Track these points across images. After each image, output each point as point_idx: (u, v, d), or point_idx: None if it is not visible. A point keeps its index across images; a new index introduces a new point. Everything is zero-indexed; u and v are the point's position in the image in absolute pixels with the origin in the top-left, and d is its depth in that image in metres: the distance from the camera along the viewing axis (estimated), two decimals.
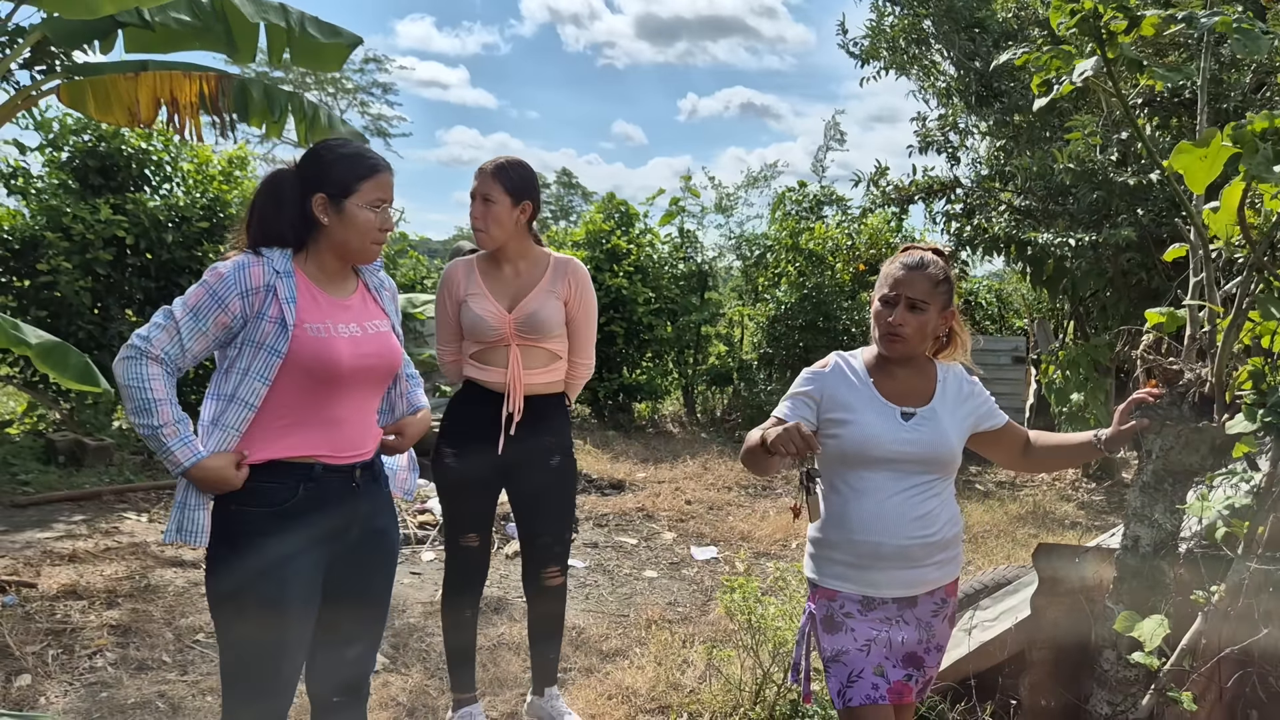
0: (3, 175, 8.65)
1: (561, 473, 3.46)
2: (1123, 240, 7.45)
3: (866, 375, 2.49)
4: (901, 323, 2.41)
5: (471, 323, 3.29)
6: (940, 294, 2.45)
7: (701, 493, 7.79)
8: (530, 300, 3.30)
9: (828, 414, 2.45)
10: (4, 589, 4.73)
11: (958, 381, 2.54)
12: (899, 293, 2.42)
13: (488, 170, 3.25)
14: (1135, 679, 2.61)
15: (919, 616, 2.47)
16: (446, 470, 3.39)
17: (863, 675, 2.42)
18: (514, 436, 3.31)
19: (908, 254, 2.49)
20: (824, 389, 2.47)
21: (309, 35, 4.78)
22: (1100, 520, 7.28)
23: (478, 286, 3.32)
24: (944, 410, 2.47)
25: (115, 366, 2.23)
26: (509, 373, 3.30)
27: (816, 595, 2.50)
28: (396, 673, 4.08)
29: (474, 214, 3.25)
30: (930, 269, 2.44)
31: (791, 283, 10.96)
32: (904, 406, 2.44)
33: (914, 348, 2.46)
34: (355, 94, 34.14)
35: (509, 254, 3.33)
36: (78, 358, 4.64)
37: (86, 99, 4.53)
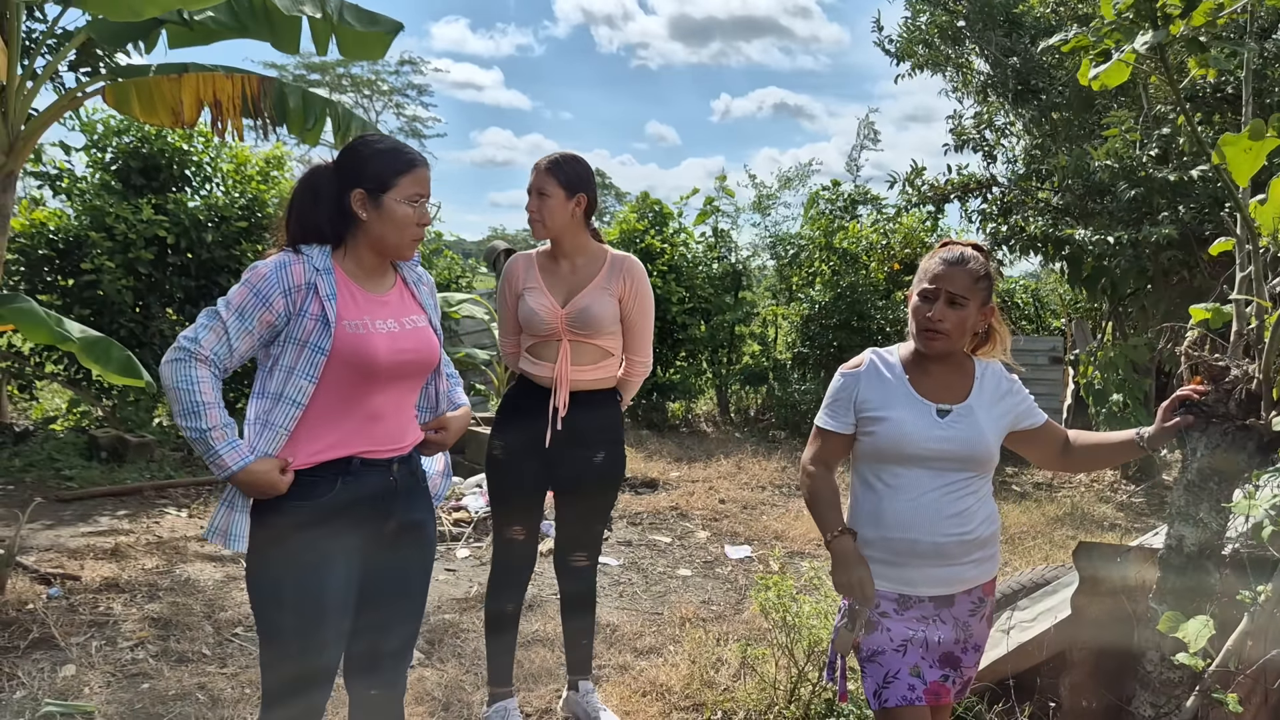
0: (49, 177, 8.81)
1: (603, 469, 3.47)
2: (1163, 238, 7.34)
3: (902, 371, 2.47)
4: (940, 318, 2.38)
5: (526, 316, 3.33)
6: (980, 290, 2.42)
7: (735, 492, 7.77)
8: (584, 296, 3.32)
9: (863, 412, 2.44)
10: (49, 581, 4.81)
11: (996, 379, 2.51)
12: (938, 287, 2.39)
13: (542, 165, 3.28)
14: (1179, 681, 2.57)
15: (956, 616, 2.44)
16: (496, 463, 3.44)
17: (899, 676, 2.40)
18: (561, 431, 3.33)
19: (947, 249, 2.46)
20: (858, 389, 2.46)
21: (348, 24, 4.81)
22: (1140, 522, 7.18)
23: (535, 281, 3.36)
24: (981, 408, 2.44)
25: (162, 369, 2.24)
26: (556, 368, 3.32)
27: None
28: (432, 667, 4.10)
29: (530, 208, 3.29)
30: (971, 264, 2.41)
31: (826, 282, 10.91)
32: (940, 403, 2.42)
33: (952, 344, 2.43)
34: (391, 95, 34.48)
35: (566, 249, 3.36)
36: (120, 352, 4.71)
37: (131, 100, 4.60)
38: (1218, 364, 2.55)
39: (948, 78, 10.59)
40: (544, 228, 3.29)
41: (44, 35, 5.71)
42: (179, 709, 3.62)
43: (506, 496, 3.47)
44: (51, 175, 8.80)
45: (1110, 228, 7.79)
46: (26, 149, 4.64)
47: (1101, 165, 7.91)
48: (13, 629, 4.21)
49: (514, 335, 3.48)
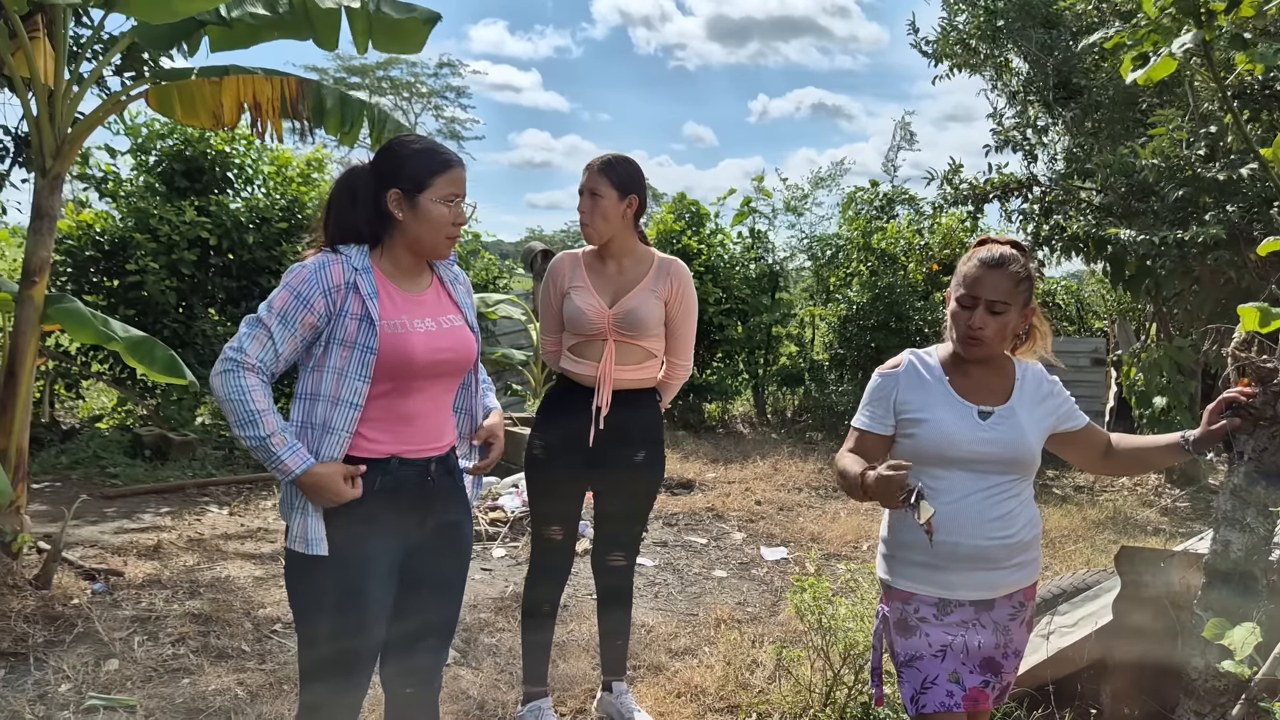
0: (96, 180, 8.97)
1: (643, 469, 3.47)
2: (1210, 237, 7.20)
3: (941, 373, 2.43)
4: (981, 325, 2.33)
5: (572, 315, 3.33)
6: (1021, 293, 2.36)
7: (771, 493, 7.73)
8: (631, 297, 3.33)
9: (903, 414, 2.39)
10: (94, 577, 4.89)
11: (1037, 380, 2.47)
12: (977, 294, 2.34)
13: (595, 166, 3.28)
14: (1225, 689, 2.52)
15: (996, 620, 2.40)
16: (536, 462, 3.44)
17: (937, 682, 2.36)
18: (603, 430, 3.33)
19: (985, 250, 2.39)
20: (897, 390, 2.41)
21: (384, 14, 4.82)
22: (1184, 527, 7.05)
23: (582, 280, 3.36)
24: (1022, 409, 2.40)
25: (213, 381, 2.27)
26: (600, 367, 3.32)
27: (890, 597, 2.45)
28: (467, 667, 4.12)
29: (582, 209, 3.30)
30: (1011, 266, 2.35)
31: (863, 282, 10.83)
32: (981, 405, 2.38)
33: (994, 350, 2.38)
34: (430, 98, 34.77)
35: (614, 250, 3.36)
36: (164, 352, 4.78)
37: (173, 103, 4.67)
38: (1265, 365, 2.49)
39: (986, 78, 10.47)
40: (595, 229, 3.30)
41: (90, 40, 5.82)
42: (218, 704, 3.66)
43: (546, 496, 3.47)
44: (98, 178, 8.96)
45: (1155, 227, 7.65)
46: (73, 152, 4.72)
47: (1147, 164, 7.78)
48: (58, 623, 4.29)
49: (556, 334, 3.48)
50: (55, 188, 4.67)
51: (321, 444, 2.29)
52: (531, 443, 3.46)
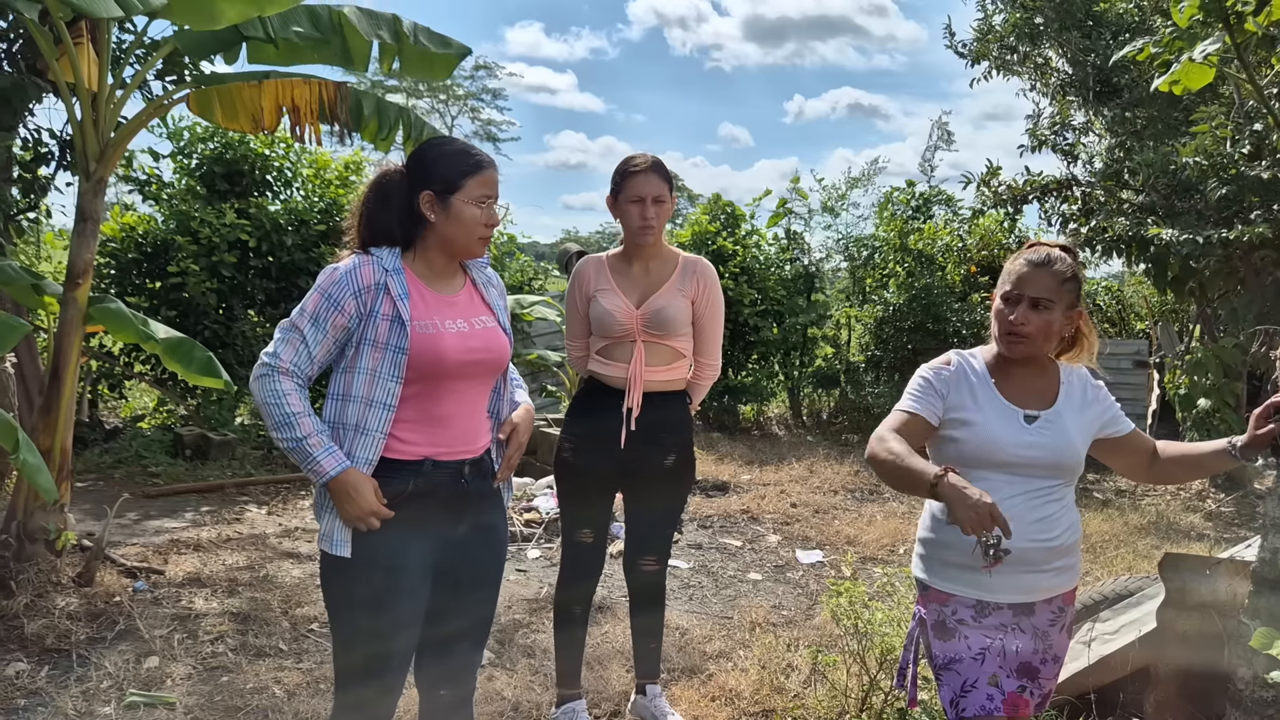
0: (139, 183, 9.11)
1: (674, 471, 3.46)
2: (1256, 237, 7.06)
3: (987, 375, 2.40)
4: (1024, 321, 2.31)
5: (599, 317, 3.33)
6: (1067, 292, 2.34)
7: (807, 496, 7.69)
8: (659, 297, 3.33)
9: (950, 414, 2.37)
10: (135, 575, 4.96)
11: (1083, 384, 2.44)
12: (1021, 291, 2.32)
13: (651, 171, 3.26)
14: (1273, 700, 2.46)
15: (1036, 625, 2.37)
16: (565, 465, 3.44)
17: (977, 685, 2.33)
18: (633, 432, 3.33)
19: (1033, 250, 2.38)
20: (949, 387, 2.39)
21: (421, 45, 4.90)
22: (1230, 532, 6.92)
23: (607, 282, 3.37)
24: (1069, 413, 2.37)
25: (251, 386, 2.31)
26: (630, 368, 3.32)
27: (927, 599, 2.42)
28: (502, 668, 4.13)
29: (649, 216, 3.26)
30: (1056, 265, 2.33)
31: (900, 284, 10.75)
32: (1027, 409, 2.35)
33: (1036, 348, 2.35)
34: (466, 100, 35.00)
35: (644, 251, 3.36)
36: (201, 353, 4.83)
37: (214, 107, 4.72)
38: None
39: (1025, 78, 10.35)
40: (657, 234, 3.31)
41: (133, 45, 5.90)
42: (256, 702, 3.69)
43: (576, 498, 3.47)
44: (141, 181, 9.09)
45: (1198, 227, 7.52)
46: (116, 155, 4.79)
47: (1190, 163, 7.64)
48: (100, 620, 4.35)
49: (583, 338, 3.48)
50: (99, 191, 4.74)
51: (356, 445, 2.30)
52: (561, 445, 3.46)
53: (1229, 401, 7.53)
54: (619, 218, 3.35)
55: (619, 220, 3.37)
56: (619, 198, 3.30)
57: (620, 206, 3.31)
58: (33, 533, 4.68)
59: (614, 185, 3.33)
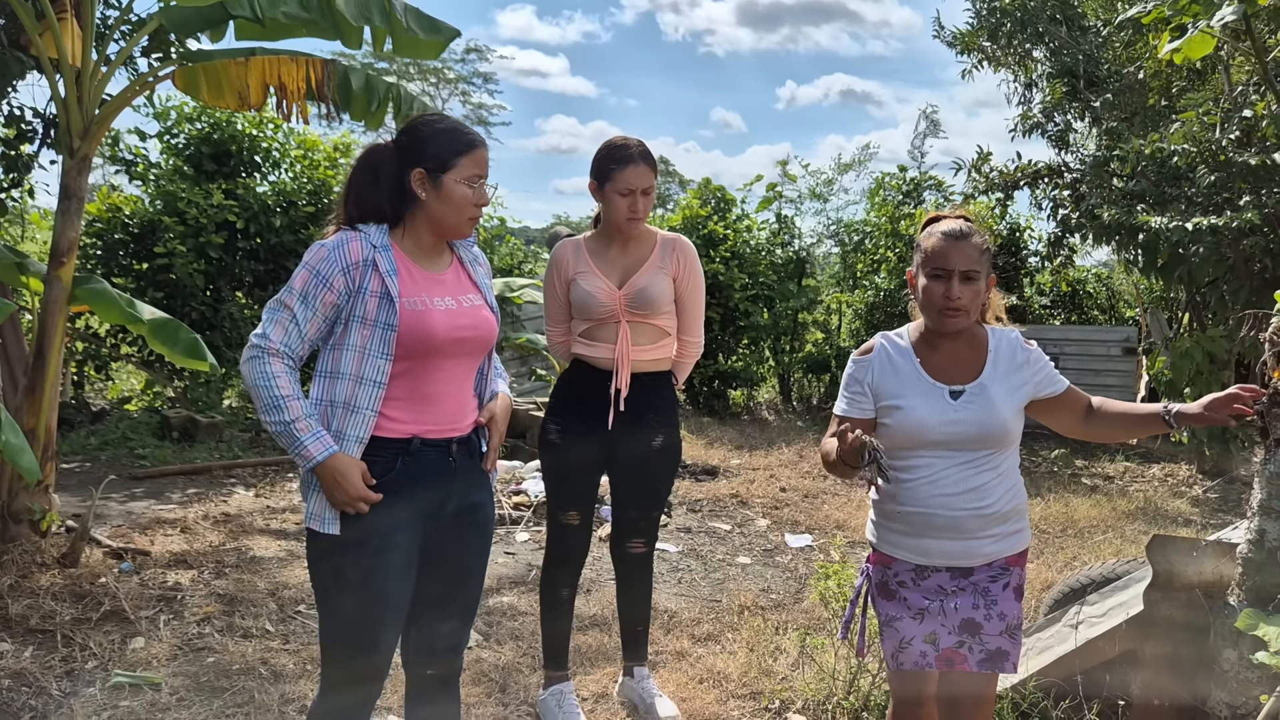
0: (125, 163, 9.04)
1: (662, 452, 3.45)
2: (1245, 224, 7.07)
3: (912, 354, 2.45)
4: (959, 295, 2.35)
5: (582, 300, 3.31)
6: (985, 261, 2.41)
7: (796, 480, 7.69)
8: (640, 276, 3.32)
9: (881, 401, 2.44)
10: (121, 556, 4.94)
11: (1011, 349, 2.47)
12: (950, 266, 2.36)
13: (641, 162, 3.23)
14: (1258, 680, 2.47)
15: (975, 582, 2.44)
16: (552, 447, 3.42)
17: (913, 642, 2.45)
18: (621, 413, 3.31)
19: (945, 224, 2.43)
20: (871, 375, 2.46)
21: (410, 30, 4.85)
22: (1216, 518, 6.95)
23: (586, 264, 3.34)
24: (995, 383, 2.41)
25: (241, 369, 2.29)
26: (617, 349, 3.30)
27: (874, 559, 2.54)
28: (489, 649, 4.12)
29: (636, 209, 3.24)
30: (974, 237, 2.40)
31: (891, 269, 10.74)
32: (952, 384, 2.40)
33: (971, 320, 2.42)
34: (457, 84, 34.77)
35: (628, 234, 3.34)
36: (188, 334, 4.80)
37: (199, 84, 4.67)
38: None
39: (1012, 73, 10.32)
40: (641, 224, 3.30)
41: (117, 21, 5.84)
42: (242, 683, 3.68)
43: (563, 480, 3.46)
44: (127, 161, 9.02)
45: (1188, 214, 7.53)
46: (100, 132, 4.74)
47: (1179, 149, 7.64)
48: (86, 601, 4.32)
49: (563, 323, 3.45)
50: (83, 169, 4.69)
51: (347, 423, 2.28)
52: (546, 427, 3.44)
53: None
54: (602, 204, 3.31)
55: (601, 205, 3.32)
56: (605, 186, 3.25)
57: (606, 195, 3.26)
58: (17, 513, 4.65)
59: (600, 172, 3.26)
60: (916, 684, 2.50)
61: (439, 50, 5.05)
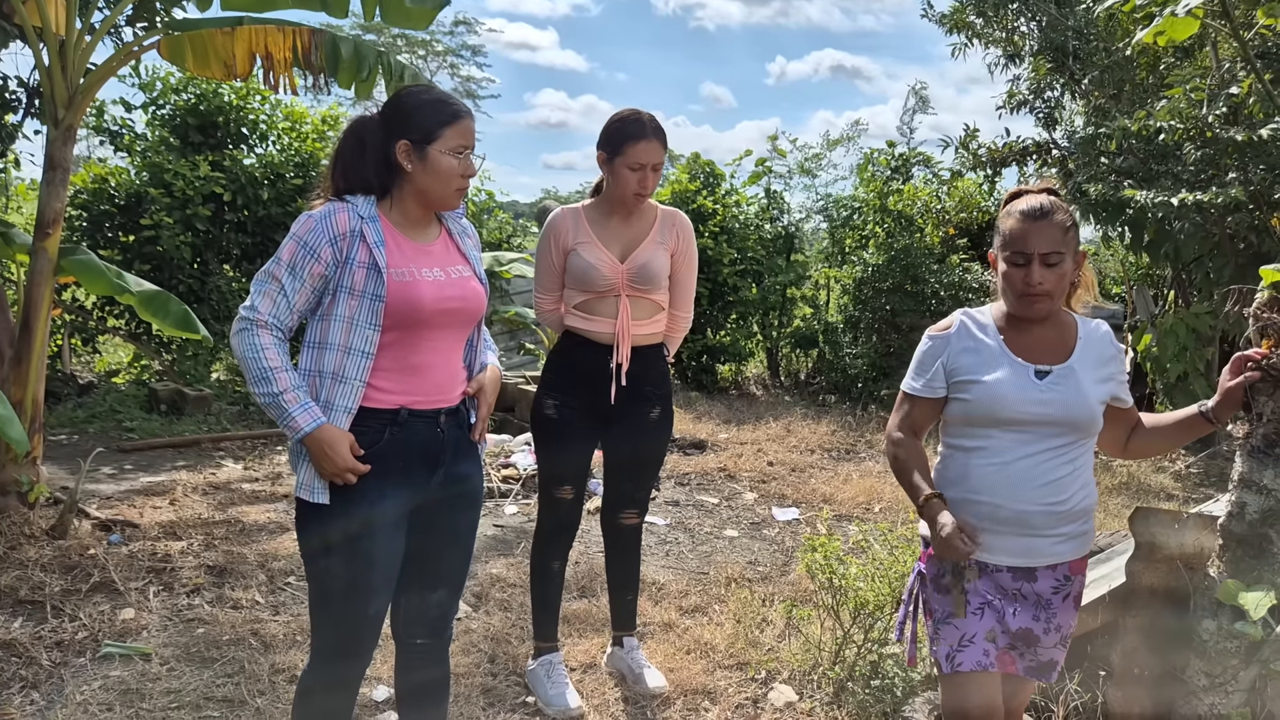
0: (111, 133, 8.96)
1: (658, 425, 3.49)
2: (1230, 200, 7.08)
3: (996, 331, 2.32)
4: (1041, 280, 2.20)
5: (583, 271, 3.28)
6: (1072, 240, 2.25)
7: (784, 454, 7.73)
8: (642, 251, 3.31)
9: (955, 377, 2.31)
10: (110, 528, 4.94)
11: (1103, 341, 2.34)
12: (1030, 250, 2.21)
13: (654, 138, 3.20)
14: (1236, 650, 2.51)
15: (1038, 592, 2.32)
16: (548, 422, 3.39)
17: (974, 640, 2.29)
18: (620, 386, 3.32)
19: (1024, 202, 2.26)
20: (949, 353, 2.32)
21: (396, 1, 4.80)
22: (1198, 492, 7.03)
23: (587, 235, 3.31)
24: (1084, 369, 2.27)
25: (231, 341, 2.29)
26: (618, 323, 3.30)
27: (928, 554, 2.37)
28: (479, 619, 4.15)
29: (645, 184, 3.22)
30: (1056, 215, 2.22)
31: (879, 245, 10.74)
32: (1039, 364, 2.26)
33: (1056, 304, 2.28)
34: (445, 56, 34.51)
35: (631, 207, 3.33)
36: (178, 306, 4.79)
37: (185, 53, 4.63)
38: None
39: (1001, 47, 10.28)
40: (647, 200, 3.29)
41: None
42: (232, 653, 3.70)
43: (558, 454, 3.44)
44: (113, 132, 8.94)
45: (1174, 190, 7.54)
46: (85, 102, 4.70)
47: (1166, 126, 7.65)
48: (75, 573, 4.33)
49: (554, 291, 3.41)
50: (68, 139, 4.66)
51: (335, 393, 2.29)
52: (542, 403, 3.42)
53: (1199, 365, 7.60)
54: (610, 177, 3.27)
55: (608, 178, 3.29)
56: (615, 159, 3.21)
57: (615, 169, 3.22)
58: (5, 485, 4.65)
59: (611, 144, 3.23)
60: (981, 691, 2.28)
61: (429, 19, 5.01)
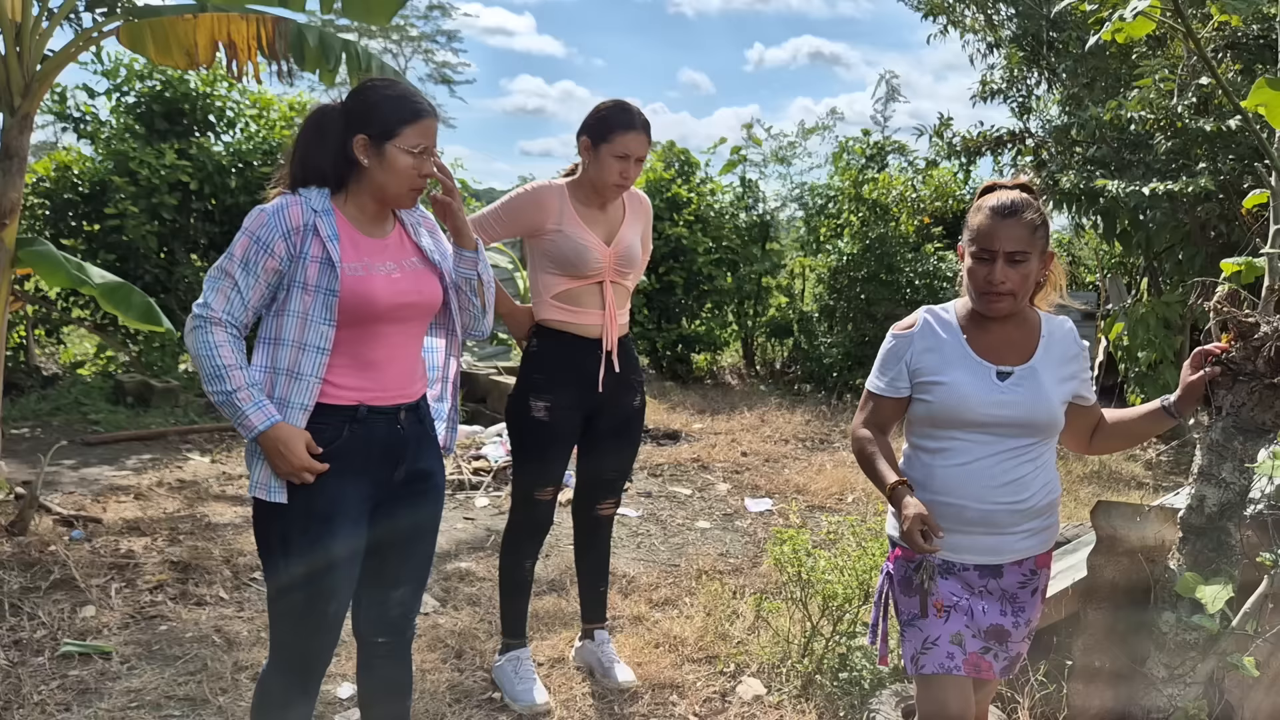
0: (73, 120, 8.82)
1: (639, 411, 3.50)
2: (1200, 190, 7.13)
3: (959, 330, 2.30)
4: (1003, 279, 2.18)
5: (573, 252, 3.21)
6: (1039, 240, 2.22)
7: (758, 445, 7.73)
8: (624, 235, 3.32)
9: (918, 377, 2.29)
10: (72, 523, 4.87)
11: (1066, 340, 2.33)
12: (995, 248, 2.18)
13: (643, 131, 3.20)
14: (1195, 643, 2.52)
15: (1004, 588, 2.33)
16: (539, 426, 3.29)
17: (938, 642, 2.28)
18: (608, 377, 3.31)
19: (995, 197, 2.23)
20: (911, 351, 2.31)
21: None
22: (1168, 481, 7.09)
23: (573, 217, 3.25)
24: (1045, 368, 2.27)
25: (185, 339, 2.25)
26: (607, 312, 3.28)
27: (896, 555, 2.38)
28: (446, 615, 4.12)
29: (628, 175, 3.20)
30: (1025, 214, 2.19)
31: (854, 233, 10.75)
32: (1000, 365, 2.25)
33: (1018, 304, 2.25)
34: (420, 42, 34.24)
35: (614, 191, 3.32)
36: (141, 298, 4.72)
37: (146, 40, 4.54)
38: (1247, 320, 2.46)
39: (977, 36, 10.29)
40: (626, 190, 3.29)
41: None
42: (195, 650, 3.66)
43: (546, 456, 3.35)
44: (75, 119, 8.80)
45: (1146, 180, 7.58)
46: (42, 90, 4.61)
47: (1137, 116, 7.69)
48: (35, 569, 4.26)
49: (495, 240, 3.29)
50: (25, 127, 4.57)
51: (291, 390, 2.25)
52: (530, 406, 3.28)
53: (1169, 354, 7.65)
54: (592, 164, 3.22)
55: (589, 165, 3.24)
56: (600, 146, 3.17)
57: (600, 155, 3.18)
58: None
59: (598, 131, 3.18)
60: (951, 696, 2.28)
61: (391, 12, 4.92)
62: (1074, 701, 2.83)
